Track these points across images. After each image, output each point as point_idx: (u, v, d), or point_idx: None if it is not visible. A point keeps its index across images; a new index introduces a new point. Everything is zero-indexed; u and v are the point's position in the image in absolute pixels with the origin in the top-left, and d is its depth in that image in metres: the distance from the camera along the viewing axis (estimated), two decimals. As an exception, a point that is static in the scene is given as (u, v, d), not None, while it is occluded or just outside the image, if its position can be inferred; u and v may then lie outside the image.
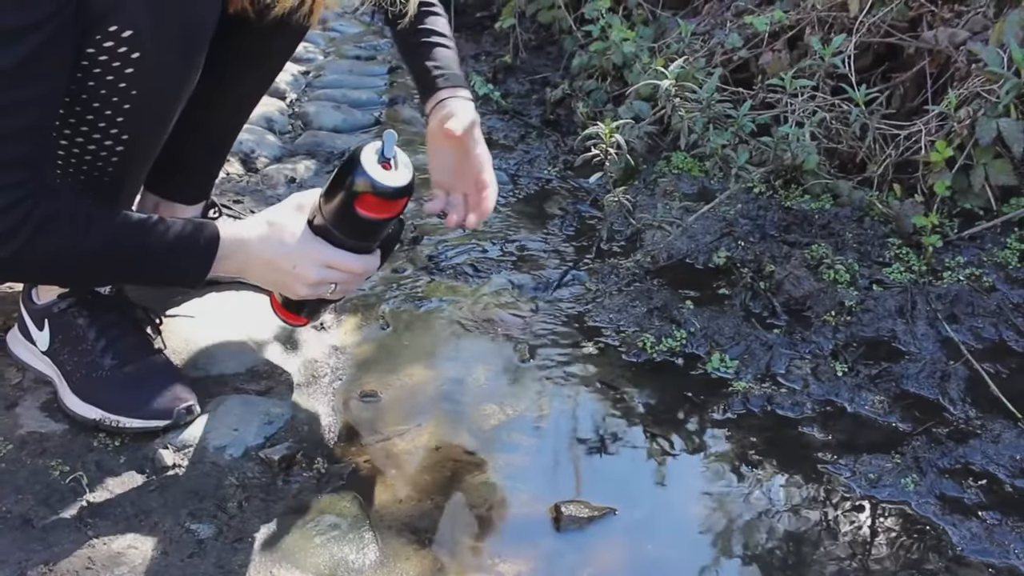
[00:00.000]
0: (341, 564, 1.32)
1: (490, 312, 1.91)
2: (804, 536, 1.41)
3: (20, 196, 1.24)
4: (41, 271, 1.37)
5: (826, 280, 1.97)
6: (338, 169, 1.39)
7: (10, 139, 1.22)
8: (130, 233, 1.34)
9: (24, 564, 1.28)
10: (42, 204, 1.26)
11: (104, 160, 1.37)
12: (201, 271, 1.38)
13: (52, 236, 1.28)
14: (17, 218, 1.24)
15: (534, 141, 2.71)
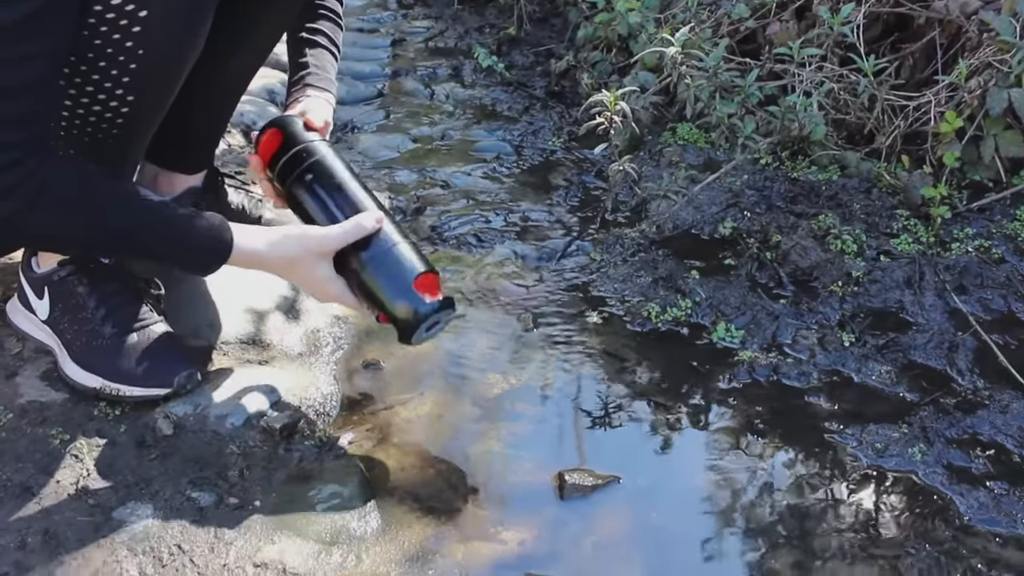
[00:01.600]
0: (343, 532, 1.31)
1: (493, 282, 1.89)
2: (810, 505, 1.40)
3: (22, 154, 1.22)
4: (40, 235, 1.35)
5: (833, 250, 1.95)
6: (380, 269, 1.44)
7: (13, 95, 1.20)
8: (135, 205, 1.35)
9: (24, 532, 1.27)
10: (46, 164, 1.25)
11: (108, 122, 1.35)
12: (205, 268, 1.42)
13: (54, 199, 1.26)
14: (19, 176, 1.22)
15: (538, 113, 2.69)
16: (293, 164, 1.51)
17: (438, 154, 2.43)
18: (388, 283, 1.42)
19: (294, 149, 1.52)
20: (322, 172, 1.50)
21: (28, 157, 1.23)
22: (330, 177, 1.50)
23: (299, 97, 1.65)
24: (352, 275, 1.46)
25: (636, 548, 1.32)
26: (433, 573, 1.25)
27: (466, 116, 2.67)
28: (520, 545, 1.30)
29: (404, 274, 1.43)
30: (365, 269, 1.44)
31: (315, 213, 1.49)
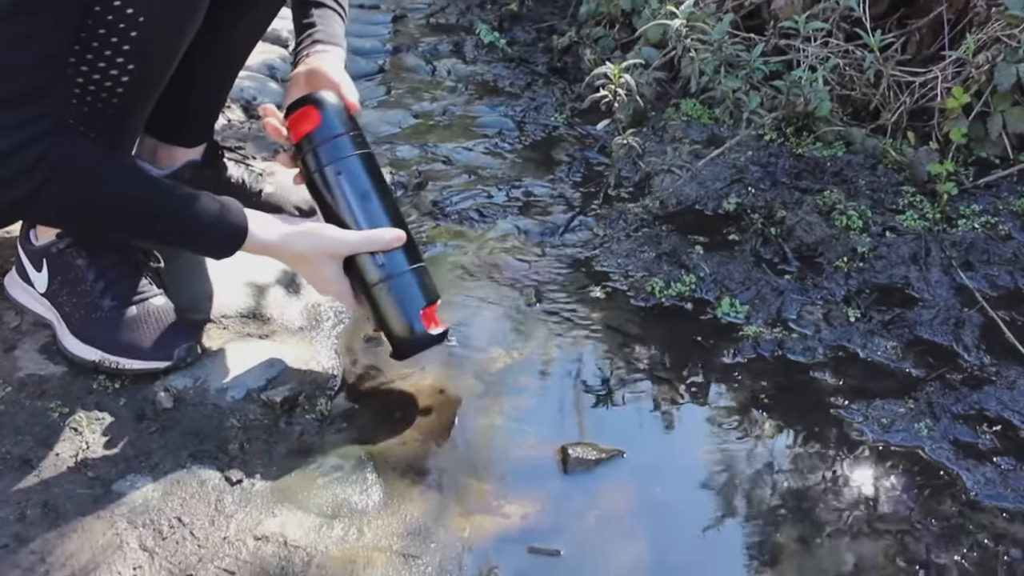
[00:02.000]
0: (344, 505, 1.30)
1: (496, 257, 1.87)
2: (815, 480, 1.39)
3: (38, 132, 1.21)
4: (57, 215, 1.35)
5: (838, 226, 1.93)
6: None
7: (25, 69, 1.19)
8: (150, 190, 1.35)
9: (24, 504, 1.26)
10: (55, 149, 1.24)
11: (108, 91, 1.33)
12: (218, 254, 1.42)
13: (71, 179, 1.26)
14: (35, 155, 1.21)
15: (540, 89, 2.66)
16: (327, 155, 1.47)
17: (439, 130, 2.41)
18: (396, 306, 1.45)
19: (331, 139, 1.47)
20: (353, 174, 1.47)
21: (43, 135, 1.21)
22: (360, 181, 1.47)
23: (308, 52, 1.61)
24: (360, 283, 1.47)
25: (640, 522, 1.30)
26: (436, 546, 1.24)
27: (468, 92, 2.64)
28: (523, 519, 1.29)
29: (414, 301, 1.46)
30: (377, 285, 1.45)
31: (336, 210, 1.47)
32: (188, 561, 1.21)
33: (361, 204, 1.47)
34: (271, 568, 1.20)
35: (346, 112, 1.51)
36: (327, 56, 1.59)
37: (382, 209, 1.48)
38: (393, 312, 1.45)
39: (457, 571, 1.21)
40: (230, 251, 1.42)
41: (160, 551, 1.22)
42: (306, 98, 1.49)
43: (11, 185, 1.23)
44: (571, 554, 1.24)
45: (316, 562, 1.21)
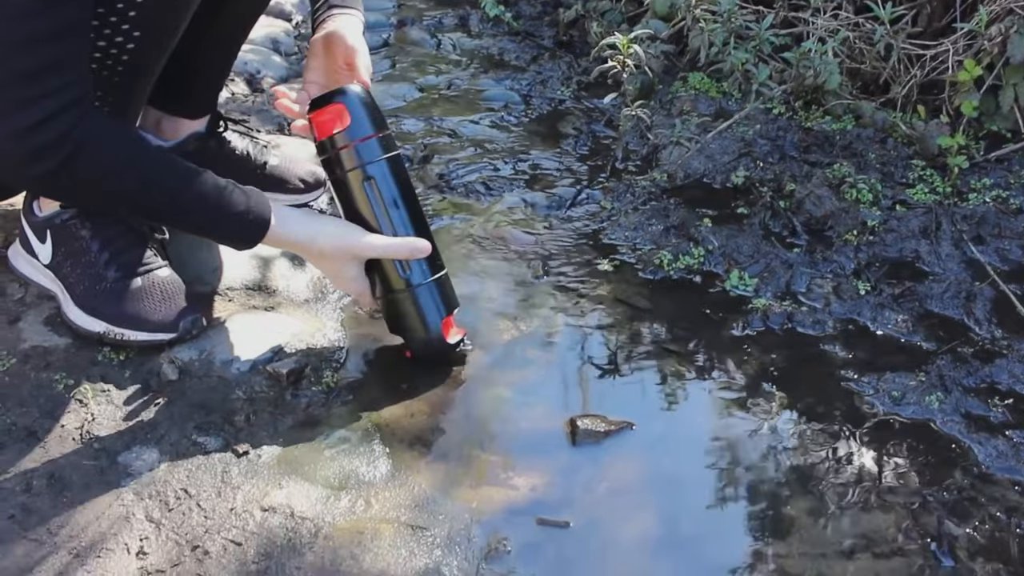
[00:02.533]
0: (351, 476, 1.29)
1: (502, 230, 1.86)
2: (825, 453, 1.38)
3: (61, 106, 1.21)
4: (80, 193, 1.34)
5: (848, 200, 1.91)
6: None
7: (46, 41, 1.18)
8: (177, 174, 1.34)
9: (29, 476, 1.25)
10: (87, 119, 1.23)
11: (114, 58, 1.32)
12: (239, 244, 1.42)
13: (96, 158, 1.26)
14: (59, 131, 1.21)
15: (546, 62, 2.64)
16: (356, 158, 1.44)
17: (445, 103, 2.39)
18: (419, 315, 1.46)
19: (361, 140, 1.43)
20: (382, 179, 1.45)
21: (57, 117, 1.21)
22: (389, 187, 1.45)
23: (324, 17, 1.57)
24: (382, 288, 1.47)
25: (649, 494, 1.30)
26: (444, 518, 1.23)
27: (473, 66, 2.62)
28: (532, 490, 1.28)
29: (435, 311, 1.46)
30: (399, 292, 1.45)
31: (363, 214, 1.45)
32: (195, 532, 1.20)
33: (389, 211, 1.45)
34: (278, 539, 1.19)
35: (376, 110, 1.47)
36: (344, 20, 1.56)
37: (409, 216, 1.46)
38: (415, 321, 1.46)
39: (466, 543, 1.20)
40: (251, 243, 1.41)
41: (167, 522, 1.21)
42: (334, 94, 1.45)
43: (36, 160, 1.23)
44: (580, 526, 1.23)
45: (323, 533, 1.20)
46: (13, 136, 1.21)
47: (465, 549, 1.19)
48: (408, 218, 1.46)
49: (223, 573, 1.15)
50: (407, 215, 1.46)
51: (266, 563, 1.16)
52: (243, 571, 1.15)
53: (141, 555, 1.17)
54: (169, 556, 1.17)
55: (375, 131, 1.45)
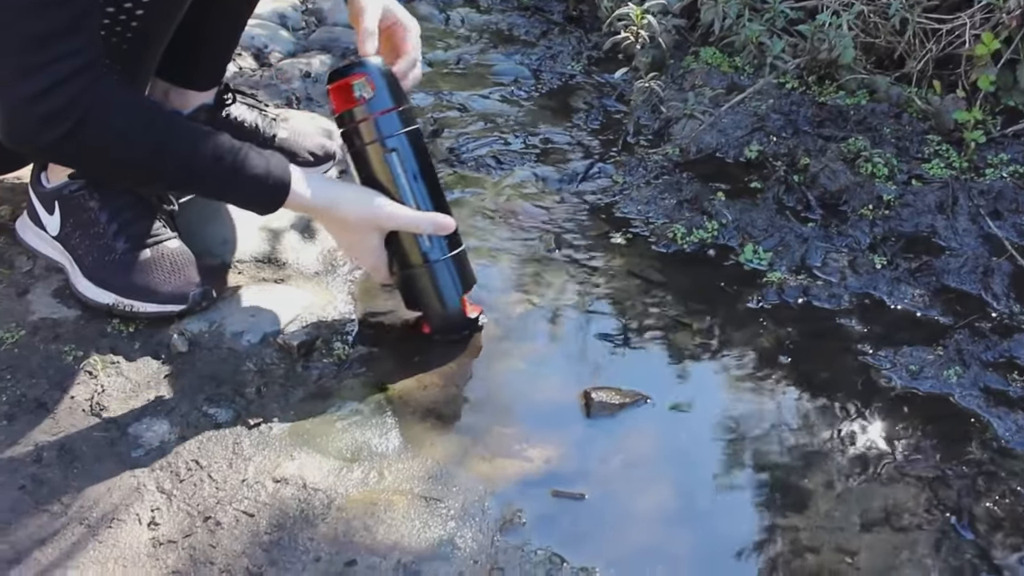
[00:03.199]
0: (364, 448, 1.28)
1: (513, 203, 1.84)
2: (843, 426, 1.36)
3: (71, 71, 1.19)
4: (90, 160, 1.31)
5: (863, 174, 1.89)
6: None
7: (55, 6, 1.16)
8: (192, 136, 1.32)
9: (40, 447, 1.25)
10: (97, 83, 1.22)
11: (123, 25, 1.30)
12: (259, 208, 1.39)
13: (107, 123, 1.24)
14: (68, 96, 1.19)
15: (556, 37, 2.61)
16: (379, 129, 1.41)
17: (454, 78, 2.37)
18: (438, 290, 1.44)
19: (384, 112, 1.41)
20: (405, 151, 1.43)
21: (66, 82, 1.19)
22: (411, 160, 1.43)
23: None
24: (401, 262, 1.45)
25: (664, 466, 1.28)
26: (457, 490, 1.22)
27: (482, 41, 2.59)
28: (546, 463, 1.27)
29: (455, 286, 1.45)
30: (419, 267, 1.43)
31: (384, 186, 1.43)
32: (207, 503, 1.19)
33: (411, 184, 1.43)
34: (291, 510, 1.18)
35: (397, 83, 1.45)
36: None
37: (429, 191, 1.44)
38: (433, 297, 1.44)
39: (480, 514, 1.19)
40: (271, 207, 1.38)
41: (178, 493, 1.20)
42: (355, 65, 1.42)
43: (45, 126, 1.21)
44: (595, 498, 1.22)
45: (336, 504, 1.19)
46: (23, 102, 1.20)
47: (479, 521, 1.18)
48: (428, 192, 1.44)
49: (235, 544, 1.14)
50: (427, 189, 1.44)
51: (278, 534, 1.15)
52: (255, 542, 1.14)
53: (153, 526, 1.16)
54: (181, 527, 1.16)
55: (398, 103, 1.43)
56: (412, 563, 1.12)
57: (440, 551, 1.14)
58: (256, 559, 1.12)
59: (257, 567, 1.11)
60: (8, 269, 1.53)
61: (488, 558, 1.13)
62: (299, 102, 2.19)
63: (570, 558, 1.13)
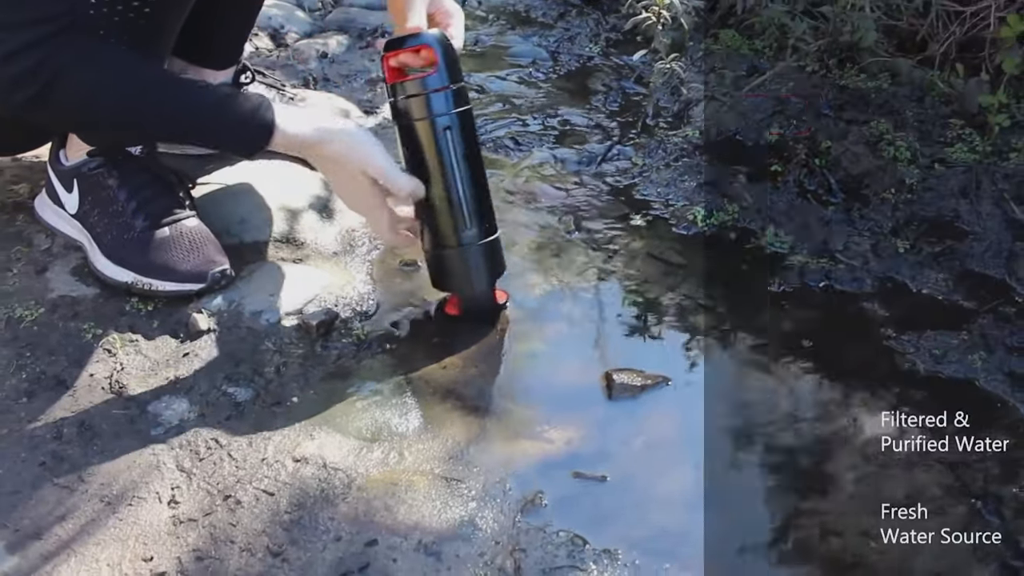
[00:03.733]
0: (384, 428, 1.27)
1: (532, 185, 1.83)
2: (866, 409, 1.35)
3: (44, 34, 1.19)
4: (62, 118, 1.33)
5: (885, 157, 1.87)
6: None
7: None
8: (167, 83, 1.32)
9: (59, 424, 1.24)
10: (70, 44, 1.21)
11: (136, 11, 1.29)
12: (247, 147, 1.37)
13: (76, 82, 1.23)
14: (37, 58, 1.19)
15: (574, 19, 2.59)
16: (437, 106, 1.37)
17: (472, 59, 2.35)
18: (473, 273, 1.43)
19: (444, 89, 1.37)
20: (460, 131, 1.39)
21: (37, 44, 1.20)
22: (464, 141, 1.40)
23: None
24: (433, 239, 1.42)
25: (686, 448, 1.27)
26: (478, 471, 1.21)
27: (499, 22, 2.58)
28: (567, 444, 1.26)
29: (490, 272, 1.44)
30: (453, 248, 1.41)
31: (433, 163, 1.39)
32: (227, 482, 1.18)
33: (460, 164, 1.39)
34: (311, 489, 1.18)
35: (456, 59, 1.40)
36: None
37: (472, 175, 1.41)
38: (466, 279, 1.43)
39: (501, 495, 1.18)
40: (256, 147, 1.36)
41: (198, 472, 1.20)
42: (417, 37, 1.38)
43: (15, 86, 1.22)
44: (617, 480, 1.21)
45: (357, 484, 1.18)
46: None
47: (500, 502, 1.17)
48: (474, 175, 1.41)
49: (256, 523, 1.14)
50: (473, 172, 1.41)
51: (299, 513, 1.15)
52: (276, 521, 1.14)
53: (173, 504, 1.16)
54: (201, 505, 1.16)
55: (454, 80, 1.39)
56: (433, 543, 1.11)
57: (461, 531, 1.13)
58: (277, 538, 1.12)
59: (278, 546, 1.11)
60: (27, 247, 1.52)
61: (510, 539, 1.12)
62: (316, 82, 2.18)
63: (592, 540, 1.13)
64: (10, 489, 1.16)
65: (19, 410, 1.26)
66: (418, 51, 1.38)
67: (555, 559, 1.11)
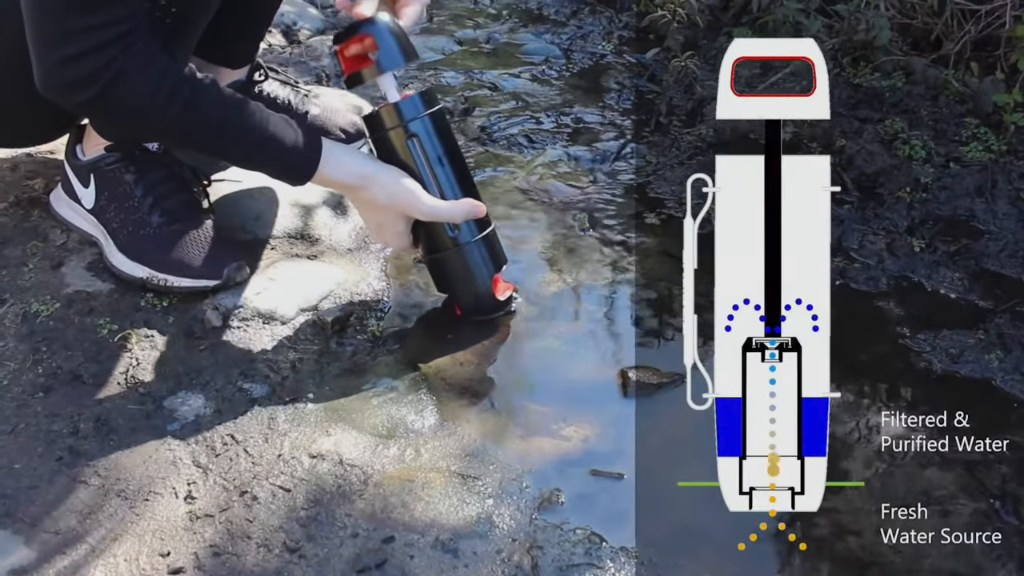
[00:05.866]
0: (400, 425, 1.27)
1: (546, 182, 1.82)
2: (883, 408, 1.35)
3: (108, 38, 1.21)
4: (122, 121, 1.34)
5: (900, 156, 1.86)
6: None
7: None
8: (224, 107, 1.32)
9: (77, 418, 1.25)
10: (133, 49, 1.23)
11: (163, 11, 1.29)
12: (291, 180, 1.39)
13: (136, 88, 1.24)
14: (102, 62, 1.21)
15: (586, 17, 2.58)
16: (397, 116, 1.38)
17: (484, 56, 2.35)
18: (467, 273, 1.42)
19: (400, 99, 1.38)
20: (425, 136, 1.38)
21: (102, 49, 1.21)
22: (433, 144, 1.39)
23: None
24: (429, 246, 1.43)
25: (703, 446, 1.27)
26: (495, 468, 1.21)
27: (512, 20, 2.57)
28: (584, 441, 1.26)
29: (485, 268, 1.43)
30: (448, 250, 1.41)
31: (410, 170, 1.39)
32: (243, 478, 1.19)
33: (435, 169, 1.39)
34: (327, 486, 1.18)
35: (408, 44, 1.38)
36: None
37: (455, 175, 1.41)
38: (463, 280, 1.43)
39: (518, 493, 1.18)
40: (300, 179, 1.37)
41: (214, 467, 1.20)
42: (363, 24, 1.35)
43: (73, 90, 1.24)
44: (634, 477, 1.21)
45: (373, 481, 1.18)
46: (55, 64, 1.23)
47: (517, 499, 1.17)
48: (455, 177, 1.41)
49: (272, 519, 1.14)
50: (453, 174, 1.41)
51: (315, 509, 1.15)
52: (292, 517, 1.14)
53: (189, 499, 1.16)
54: (217, 501, 1.16)
55: (411, 58, 1.39)
56: (450, 540, 1.12)
57: (478, 528, 1.13)
58: (293, 534, 1.12)
59: (295, 542, 1.11)
60: (42, 242, 1.53)
61: (527, 536, 1.13)
62: (328, 79, 2.18)
63: (609, 537, 1.13)
64: (28, 484, 1.16)
65: (36, 404, 1.27)
66: (362, 40, 1.36)
67: (572, 557, 1.11)
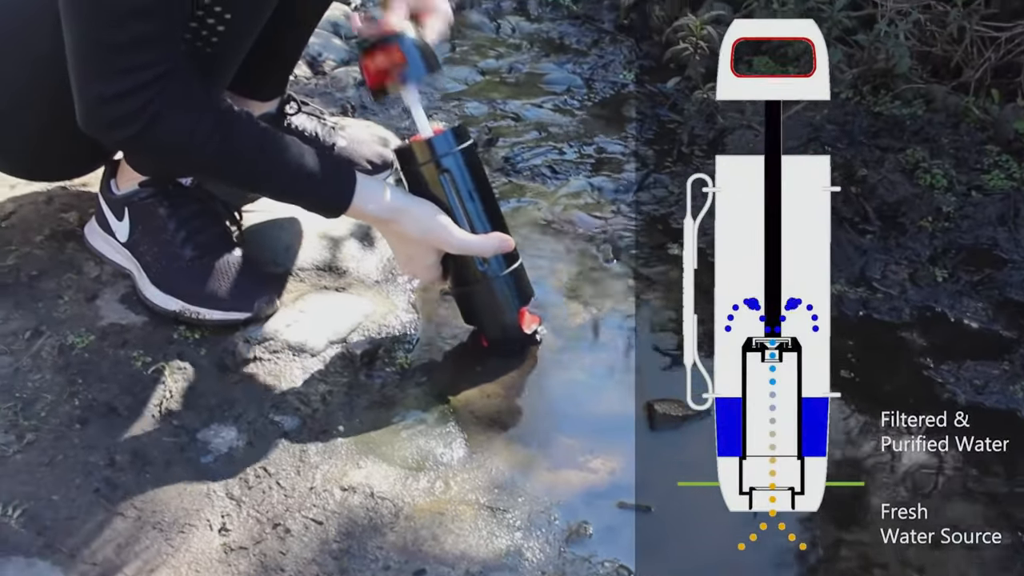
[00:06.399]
0: (429, 457, 1.29)
1: (570, 213, 1.85)
2: (907, 439, 1.35)
3: (147, 79, 1.24)
4: (160, 158, 1.40)
5: (922, 185, 1.87)
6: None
7: (139, 14, 1.20)
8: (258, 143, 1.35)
9: (112, 451, 1.27)
10: (170, 89, 1.26)
11: (204, 40, 1.33)
12: (324, 213, 1.42)
13: (174, 127, 1.28)
14: (140, 102, 1.24)
15: (608, 46, 2.61)
16: (427, 153, 1.41)
17: (507, 87, 2.38)
18: (495, 307, 1.45)
19: (432, 135, 1.41)
20: (456, 172, 1.41)
21: (140, 89, 1.24)
22: (465, 179, 1.42)
23: None
24: (457, 279, 1.46)
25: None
26: (524, 500, 1.23)
27: (533, 50, 2.60)
28: (611, 474, 1.27)
29: (511, 302, 1.45)
30: (477, 284, 1.43)
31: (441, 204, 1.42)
32: (276, 510, 1.21)
33: (466, 204, 1.42)
34: (359, 519, 1.20)
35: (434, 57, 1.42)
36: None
37: (485, 209, 1.43)
38: (491, 313, 1.45)
39: (547, 525, 1.19)
40: (333, 212, 1.40)
41: (247, 500, 1.22)
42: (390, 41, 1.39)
43: (113, 127, 1.27)
44: (662, 510, 1.22)
45: (404, 514, 1.20)
46: (96, 102, 1.26)
47: (546, 532, 1.19)
48: (484, 211, 1.43)
49: (305, 551, 1.16)
50: (483, 208, 1.43)
51: (348, 542, 1.17)
52: (325, 549, 1.16)
53: (224, 531, 1.18)
54: (251, 533, 1.18)
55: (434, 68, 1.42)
56: (480, 573, 1.13)
57: (508, 561, 1.15)
58: (326, 567, 1.14)
59: (328, 574, 1.13)
60: (77, 275, 1.56)
61: (556, 569, 1.14)
62: (354, 110, 2.21)
63: (638, 570, 1.14)
64: (66, 515, 1.18)
65: (73, 436, 1.29)
66: (389, 51, 1.39)
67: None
